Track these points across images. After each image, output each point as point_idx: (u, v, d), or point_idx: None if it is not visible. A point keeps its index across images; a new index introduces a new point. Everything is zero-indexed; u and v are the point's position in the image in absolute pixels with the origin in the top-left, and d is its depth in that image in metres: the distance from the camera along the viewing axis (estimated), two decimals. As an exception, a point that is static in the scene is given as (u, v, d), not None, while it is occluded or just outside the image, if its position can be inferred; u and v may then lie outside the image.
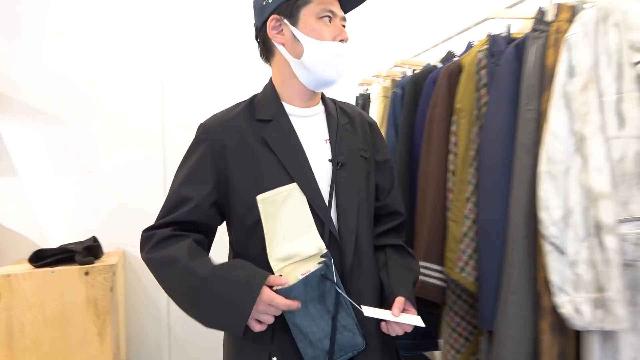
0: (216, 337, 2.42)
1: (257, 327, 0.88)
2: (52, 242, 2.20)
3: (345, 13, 1.03)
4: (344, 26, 1.02)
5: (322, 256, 0.93)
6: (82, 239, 2.21)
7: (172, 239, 0.94)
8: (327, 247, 0.94)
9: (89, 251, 2.02)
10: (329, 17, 0.98)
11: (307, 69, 0.99)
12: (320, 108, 1.07)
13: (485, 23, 1.49)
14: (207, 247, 1.02)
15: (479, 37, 1.52)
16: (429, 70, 1.71)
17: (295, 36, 0.98)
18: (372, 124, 1.14)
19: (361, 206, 1.02)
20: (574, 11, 1.13)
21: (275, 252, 0.93)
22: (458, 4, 2.25)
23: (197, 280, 0.88)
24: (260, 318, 0.88)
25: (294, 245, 0.93)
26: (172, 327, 2.46)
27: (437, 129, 1.43)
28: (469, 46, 1.61)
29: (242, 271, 0.90)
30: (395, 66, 1.97)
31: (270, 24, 1.00)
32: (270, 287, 0.88)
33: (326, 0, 0.98)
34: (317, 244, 0.93)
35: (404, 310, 0.96)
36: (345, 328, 0.93)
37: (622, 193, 1.01)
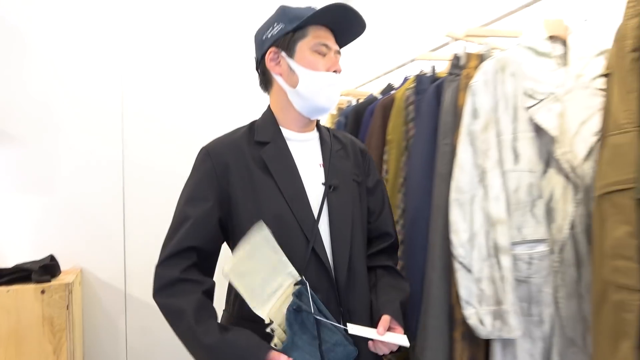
0: (175, 354, 2.50)
1: None
2: (9, 261, 2.24)
3: (340, 47, 1.10)
4: (338, 54, 1.09)
5: (295, 284, 0.93)
6: (39, 257, 2.26)
7: (180, 286, 0.97)
8: (309, 261, 0.98)
9: (46, 270, 2.07)
10: (323, 50, 1.05)
11: (302, 97, 1.05)
12: (315, 134, 1.13)
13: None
14: (213, 291, 1.03)
15: (419, 70, 1.69)
16: (370, 100, 1.87)
17: (291, 67, 1.05)
18: (364, 151, 1.19)
19: (355, 228, 1.06)
20: (481, 59, 1.30)
21: (256, 303, 0.91)
22: (400, 40, 2.43)
23: (200, 348, 0.92)
24: None
25: (271, 286, 0.93)
26: (130, 343, 2.52)
27: (373, 157, 1.58)
28: (405, 80, 1.78)
29: (244, 341, 0.91)
30: (341, 95, 2.13)
31: (268, 56, 1.07)
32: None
33: (321, 35, 1.05)
34: (291, 274, 0.94)
35: (389, 329, 0.97)
36: (336, 344, 0.94)
37: (517, 219, 1.17)
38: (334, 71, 1.06)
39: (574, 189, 1.16)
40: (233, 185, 1.01)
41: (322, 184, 1.05)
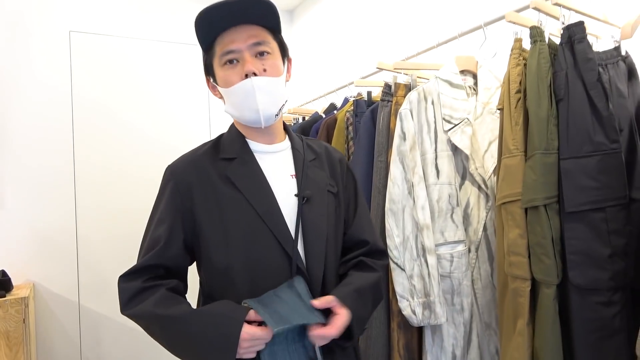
0: (127, 356, 2.56)
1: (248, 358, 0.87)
2: (-41, 278, 2.23)
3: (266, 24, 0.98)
4: (260, 53, 0.96)
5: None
6: (-10, 274, 2.27)
7: (143, 293, 0.93)
8: None
9: (0, 285, 2.10)
10: (232, 56, 0.95)
11: (234, 115, 1.01)
12: (286, 144, 1.06)
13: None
14: (183, 290, 1.00)
15: (357, 91, 1.91)
16: (315, 119, 2.06)
17: (219, 90, 1.00)
18: (341, 160, 1.13)
19: (329, 240, 1.00)
20: (408, 89, 1.52)
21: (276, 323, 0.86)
22: (342, 65, 2.65)
23: (177, 326, 0.89)
24: (247, 355, 0.86)
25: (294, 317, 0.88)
26: (84, 355, 2.56)
27: (318, 172, 1.77)
28: (345, 100, 1.98)
29: (220, 308, 0.90)
30: (288, 113, 2.31)
31: (207, 84, 1.05)
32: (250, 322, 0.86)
33: (225, 41, 0.94)
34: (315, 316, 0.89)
35: (331, 312, 0.92)
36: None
37: (440, 224, 1.40)
38: (249, 74, 0.94)
39: (485, 198, 1.40)
40: (197, 204, 0.97)
41: (295, 195, 1.00)
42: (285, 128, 1.11)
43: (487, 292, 1.41)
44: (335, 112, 1.91)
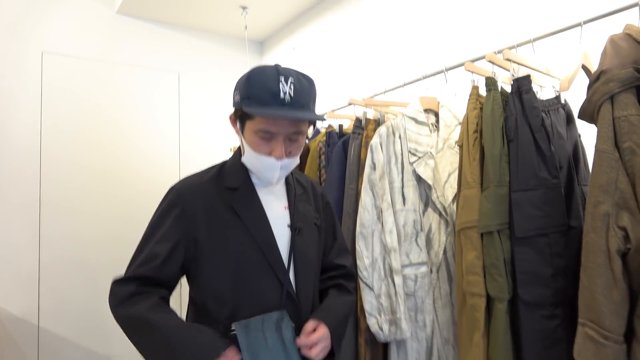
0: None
1: None
2: None
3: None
4: (292, 139, 1.04)
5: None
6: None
7: (137, 297, 0.99)
8: (285, 305, 1.02)
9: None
10: (267, 136, 1.01)
11: (250, 169, 1.09)
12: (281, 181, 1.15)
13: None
14: (168, 303, 1.05)
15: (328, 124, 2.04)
16: (286, 146, 2.17)
17: (241, 139, 1.07)
18: (323, 195, 1.25)
19: (315, 268, 1.12)
20: (377, 123, 1.67)
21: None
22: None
23: (164, 333, 0.95)
24: None
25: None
26: (43, 379, 2.50)
27: (291, 197, 1.88)
28: (317, 131, 2.11)
29: (206, 335, 0.96)
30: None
31: (231, 116, 1.09)
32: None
33: (267, 121, 1.00)
34: None
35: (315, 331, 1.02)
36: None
37: (405, 247, 1.53)
38: (277, 157, 1.02)
39: (445, 224, 1.55)
40: (201, 231, 1.03)
41: (288, 226, 1.09)
42: None
43: (446, 310, 1.55)
44: (307, 141, 2.04)
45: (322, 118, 1.07)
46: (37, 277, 2.52)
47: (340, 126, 1.87)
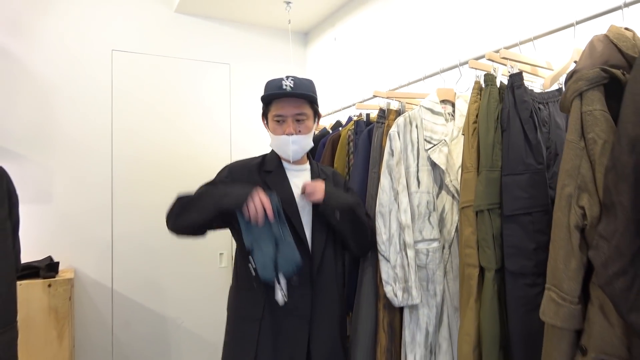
0: (154, 342, 2.91)
1: (250, 211, 1.32)
2: (14, 261, 2.60)
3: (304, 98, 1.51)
4: (299, 120, 1.51)
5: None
6: (39, 258, 2.63)
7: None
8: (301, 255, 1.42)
9: (50, 268, 2.46)
10: (280, 119, 1.50)
11: (275, 150, 1.58)
12: (307, 166, 1.63)
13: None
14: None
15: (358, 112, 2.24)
16: (323, 134, 2.39)
17: (267, 129, 1.58)
18: (345, 182, 1.73)
19: (329, 232, 1.56)
20: (398, 113, 1.85)
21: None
22: (346, 88, 3.00)
23: (214, 188, 1.43)
24: (253, 200, 1.31)
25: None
26: (115, 333, 2.91)
27: (323, 179, 2.11)
28: (349, 119, 2.31)
29: (239, 184, 1.44)
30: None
31: (262, 119, 1.61)
32: None
33: (279, 107, 1.50)
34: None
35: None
36: (288, 245, 1.39)
37: (419, 225, 1.71)
38: (288, 133, 1.49)
39: (458, 205, 1.71)
40: None
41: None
42: (308, 156, 1.66)
43: (456, 282, 1.71)
44: (340, 129, 2.24)
45: (312, 96, 1.51)
46: (110, 246, 2.92)
47: (368, 115, 2.06)
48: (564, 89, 1.46)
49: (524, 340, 1.26)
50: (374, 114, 2.07)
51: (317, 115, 1.61)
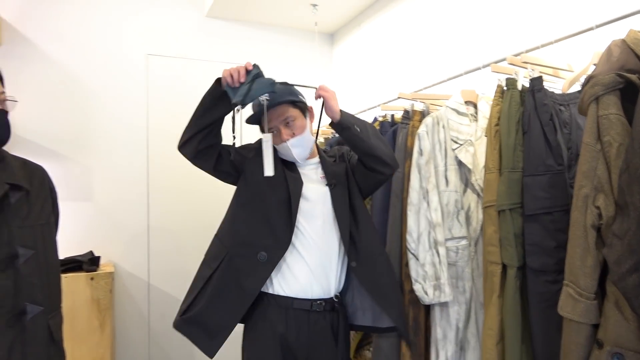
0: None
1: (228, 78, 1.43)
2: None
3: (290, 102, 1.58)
4: (288, 123, 1.57)
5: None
6: (81, 253, 2.79)
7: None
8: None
9: (93, 262, 2.61)
10: (274, 130, 1.57)
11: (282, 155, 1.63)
12: (317, 159, 1.69)
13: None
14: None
15: (384, 113, 2.30)
16: (349, 133, 2.46)
17: None
18: (348, 152, 1.76)
19: (352, 214, 1.60)
20: (423, 115, 1.90)
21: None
22: (370, 90, 3.06)
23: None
24: (230, 69, 1.42)
25: None
26: (152, 325, 3.06)
27: (350, 178, 2.18)
28: (374, 120, 2.37)
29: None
30: (327, 128, 2.72)
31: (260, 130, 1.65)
32: None
33: (268, 121, 1.54)
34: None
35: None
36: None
37: (447, 223, 1.76)
38: (284, 140, 1.56)
39: (482, 203, 1.76)
40: (250, 163, 1.65)
41: (326, 185, 1.62)
42: (318, 149, 1.72)
43: (482, 278, 1.77)
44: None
45: (290, 100, 1.58)
46: (147, 242, 3.07)
47: (392, 116, 2.12)
48: (585, 90, 1.51)
49: (544, 335, 1.31)
50: (398, 115, 2.13)
51: (306, 109, 1.65)
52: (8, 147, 1.43)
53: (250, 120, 1.62)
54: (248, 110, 1.65)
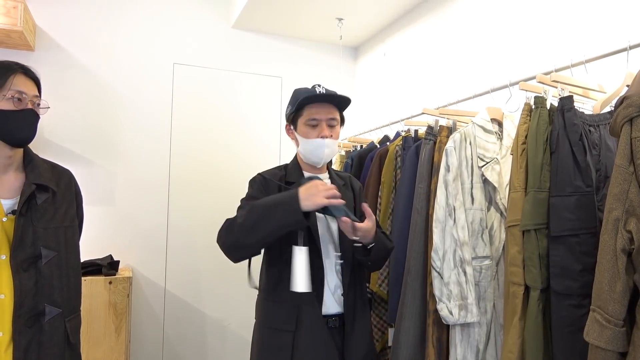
0: (200, 340, 3.05)
1: (311, 205, 1.33)
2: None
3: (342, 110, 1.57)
4: (331, 125, 1.51)
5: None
6: (101, 257, 2.82)
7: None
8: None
9: (112, 266, 2.64)
10: (314, 122, 1.49)
11: (302, 154, 1.56)
12: (326, 175, 1.62)
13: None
14: None
15: (407, 127, 2.29)
16: (370, 148, 2.46)
17: (296, 135, 1.56)
18: (361, 188, 1.73)
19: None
20: (449, 130, 1.89)
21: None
22: (393, 105, 3.05)
23: (255, 205, 1.40)
24: (310, 199, 1.32)
25: None
26: (166, 330, 3.07)
27: (371, 193, 2.17)
28: (397, 134, 2.36)
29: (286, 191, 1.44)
30: (349, 141, 2.72)
31: (286, 128, 1.62)
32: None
33: (312, 111, 1.49)
34: None
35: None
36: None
37: (472, 242, 1.73)
38: (323, 136, 1.49)
39: (506, 222, 1.73)
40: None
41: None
42: (327, 165, 1.67)
43: (502, 299, 1.73)
44: (387, 143, 2.30)
45: (347, 99, 1.53)
46: (165, 248, 3.09)
47: (416, 131, 2.11)
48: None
49: (567, 360, 1.27)
50: (421, 130, 2.12)
51: (343, 121, 1.63)
52: (37, 150, 1.46)
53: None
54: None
